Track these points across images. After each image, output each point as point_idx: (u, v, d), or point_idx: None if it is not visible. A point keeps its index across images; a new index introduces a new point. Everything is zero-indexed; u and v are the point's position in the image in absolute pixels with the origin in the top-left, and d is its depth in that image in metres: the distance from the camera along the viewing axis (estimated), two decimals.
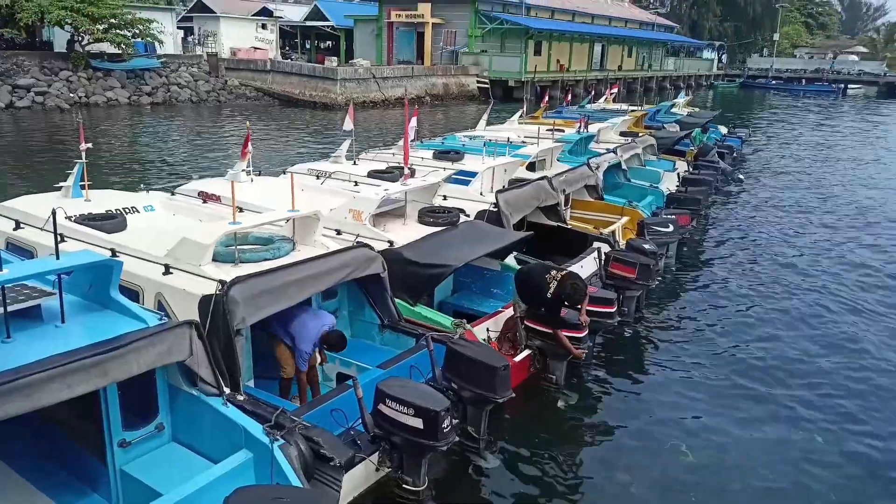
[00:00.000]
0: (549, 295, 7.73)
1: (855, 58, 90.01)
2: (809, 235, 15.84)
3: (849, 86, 76.99)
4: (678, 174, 17.08)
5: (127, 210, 8.66)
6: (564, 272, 8.02)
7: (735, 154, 23.57)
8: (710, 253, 14.10)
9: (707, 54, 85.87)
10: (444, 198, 10.67)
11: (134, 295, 6.60)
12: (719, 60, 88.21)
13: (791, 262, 13.63)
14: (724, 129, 27.15)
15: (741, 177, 21.72)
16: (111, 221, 8.05)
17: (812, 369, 9.05)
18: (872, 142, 35.66)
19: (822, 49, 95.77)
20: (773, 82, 78.40)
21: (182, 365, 5.33)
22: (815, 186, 21.92)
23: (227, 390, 5.64)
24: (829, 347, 9.76)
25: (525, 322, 8.07)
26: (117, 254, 7.08)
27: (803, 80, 77.77)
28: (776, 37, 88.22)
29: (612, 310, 8.51)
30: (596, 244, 10.58)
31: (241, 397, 5.85)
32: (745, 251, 14.26)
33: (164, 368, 5.40)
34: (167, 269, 6.74)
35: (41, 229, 7.68)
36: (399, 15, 53.65)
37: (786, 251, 14.41)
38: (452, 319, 7.94)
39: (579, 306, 7.83)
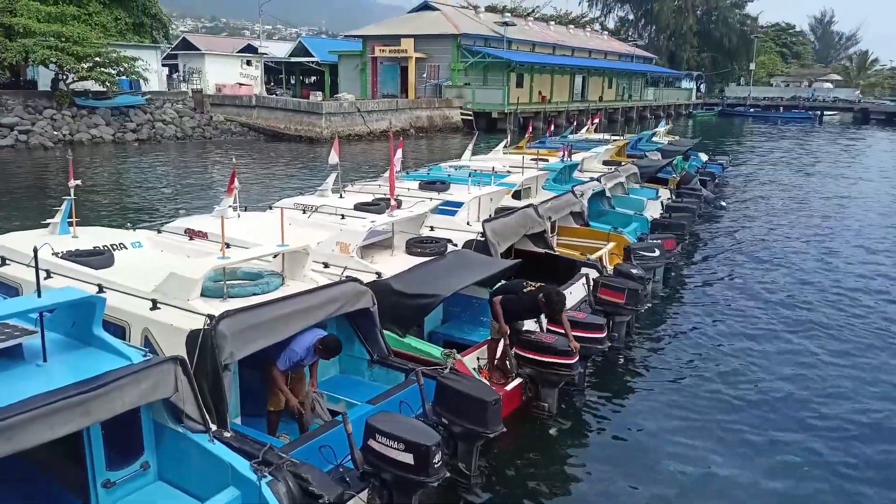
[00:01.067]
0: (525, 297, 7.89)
1: (829, 85, 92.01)
2: (791, 259, 16.02)
3: (825, 112, 78.56)
4: (661, 202, 17.26)
5: (114, 246, 8.61)
6: (539, 285, 8.12)
7: (716, 181, 23.88)
8: (696, 277, 14.18)
9: (686, 84, 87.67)
10: (432, 228, 10.68)
11: (121, 331, 6.52)
12: (698, 90, 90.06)
13: (775, 285, 13.75)
14: (704, 157, 27.53)
15: (723, 203, 21.99)
16: (99, 258, 8.00)
17: (801, 392, 9.05)
18: (851, 167, 36.32)
19: (797, 77, 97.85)
20: (752, 110, 79.90)
21: (167, 402, 5.25)
22: (796, 211, 22.22)
23: (213, 427, 5.54)
24: (816, 368, 9.79)
25: (516, 350, 8.02)
26: (104, 289, 6.99)
27: (781, 108, 79.29)
28: (752, 66, 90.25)
29: (603, 335, 8.49)
30: (584, 270, 10.60)
31: (228, 434, 5.75)
32: (730, 275, 14.36)
33: (149, 405, 5.30)
34: (155, 305, 6.67)
35: (27, 266, 7.59)
36: (383, 50, 54.41)
37: (769, 274, 14.53)
38: (442, 350, 7.87)
39: (558, 317, 7.88)
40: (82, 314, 5.39)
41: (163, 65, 49.54)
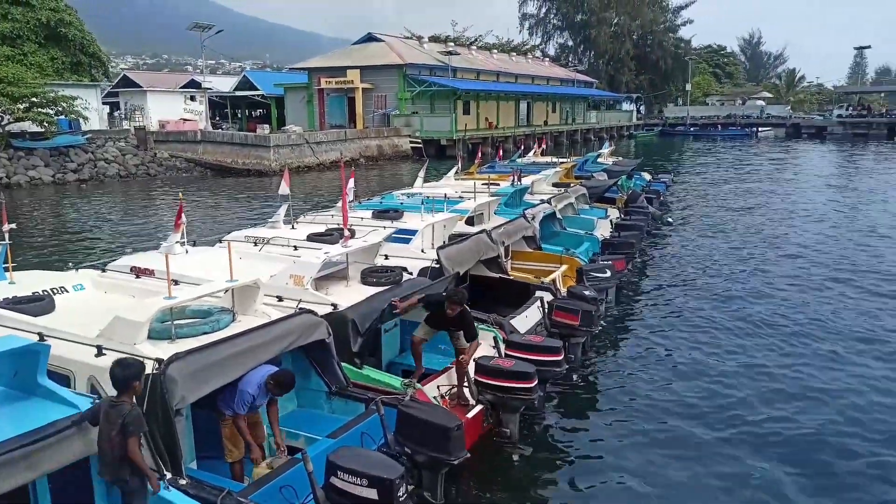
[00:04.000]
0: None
1: (762, 102, 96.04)
2: (736, 269, 16.53)
3: (759, 129, 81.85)
4: (611, 221, 17.63)
5: (55, 290, 8.29)
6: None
7: (661, 198, 24.51)
8: (648, 294, 14.45)
9: (626, 106, 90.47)
10: (386, 257, 10.65)
11: (65, 380, 6.26)
12: (638, 111, 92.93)
13: (723, 297, 14.12)
14: (647, 176, 28.27)
15: (669, 220, 22.56)
16: (38, 304, 7.68)
17: (756, 403, 9.24)
18: (786, 178, 37.87)
19: (731, 96, 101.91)
20: (692, 129, 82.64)
21: None
22: (738, 224, 22.95)
23: (167, 474, 5.35)
24: (770, 377, 10.03)
25: (476, 377, 8.01)
26: (45, 337, 6.72)
27: (718, 126, 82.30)
28: (689, 87, 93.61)
29: (560, 358, 8.55)
30: (538, 293, 10.69)
31: (183, 481, 5.55)
32: (679, 290, 14.68)
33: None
34: (100, 351, 6.42)
35: None
36: (329, 82, 54.54)
37: (717, 287, 14.92)
38: (402, 380, 7.82)
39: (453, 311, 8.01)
40: (25, 363, 5.18)
41: (103, 103, 48.67)
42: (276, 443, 6.50)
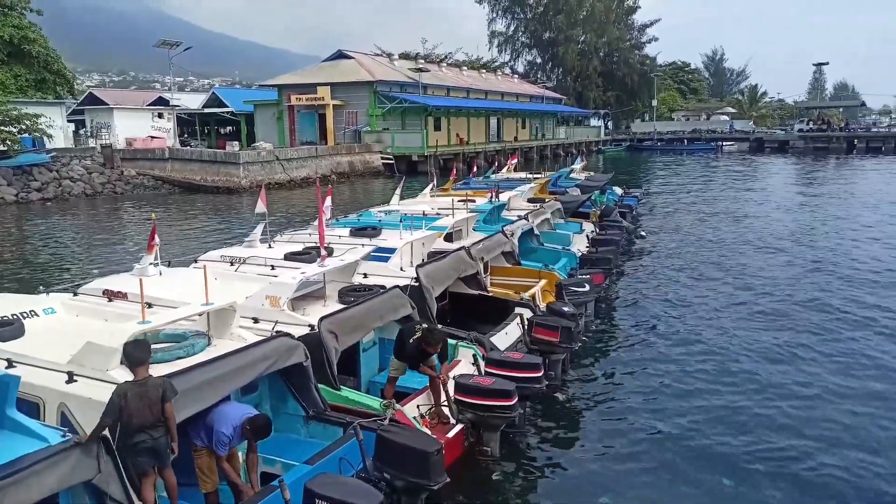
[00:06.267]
0: (411, 340, 7.87)
1: (726, 118, 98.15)
2: (710, 280, 16.81)
3: (724, 143, 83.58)
4: (586, 235, 17.74)
5: (24, 314, 7.99)
6: (427, 326, 8.21)
7: (634, 212, 24.78)
8: (626, 308, 14.53)
9: (594, 122, 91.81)
10: (365, 276, 10.53)
11: (35, 408, 6.02)
12: (606, 127, 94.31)
13: (699, 307, 14.27)
14: (619, 191, 28.59)
15: (643, 234, 22.80)
16: (6, 328, 7.39)
17: (737, 415, 9.29)
18: (750, 191, 38.70)
19: (696, 111, 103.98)
20: (659, 144, 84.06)
21: (89, 485, 4.87)
22: (710, 235, 23.36)
23: None
24: (748, 388, 10.10)
25: (456, 396, 7.92)
26: (14, 364, 6.47)
27: (685, 141, 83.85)
28: (654, 103, 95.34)
29: (540, 374, 8.50)
30: (518, 310, 10.65)
31: None
32: (656, 302, 14.79)
33: (69, 490, 4.90)
34: (71, 378, 6.17)
35: None
36: (299, 98, 54.36)
37: (692, 298, 15.09)
38: (381, 400, 7.70)
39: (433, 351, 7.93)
40: None
41: (69, 120, 47.81)
42: (251, 481, 6.29)
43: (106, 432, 5.25)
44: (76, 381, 6.18)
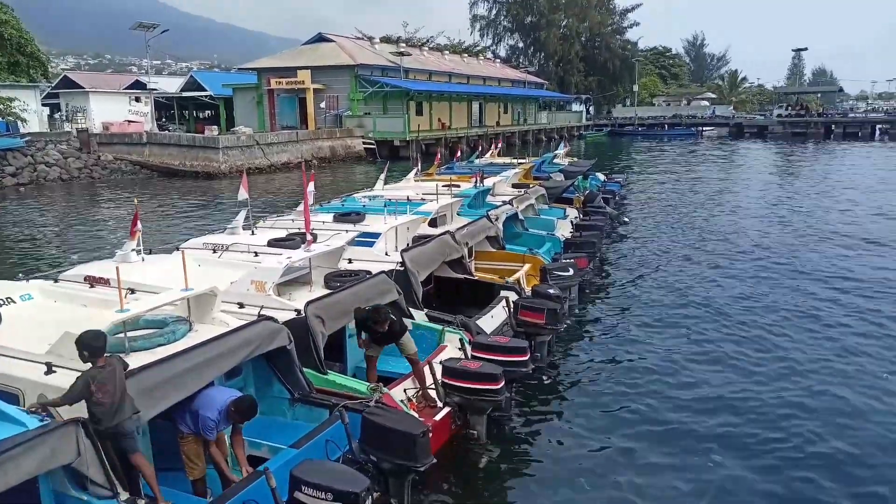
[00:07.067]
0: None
1: (706, 103, 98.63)
2: (692, 263, 17.01)
3: (704, 128, 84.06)
4: (570, 221, 17.78)
5: (1, 302, 7.84)
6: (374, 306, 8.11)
7: (617, 198, 24.86)
8: (610, 291, 14.62)
9: (576, 107, 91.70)
10: (350, 261, 10.45)
11: (13, 399, 5.91)
12: (587, 112, 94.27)
13: (681, 290, 14.43)
14: (602, 176, 28.64)
15: (626, 219, 22.90)
16: None
17: (718, 395, 9.40)
18: (730, 176, 39.10)
19: (677, 97, 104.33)
20: (640, 129, 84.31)
21: (69, 468, 4.83)
22: (691, 219, 23.64)
23: (125, 493, 5.16)
24: (731, 369, 10.23)
25: (443, 379, 7.91)
26: None
27: (665, 126, 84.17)
28: (636, 88, 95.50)
29: (526, 357, 8.50)
30: (503, 293, 10.65)
31: (142, 501, 5.38)
32: (639, 285, 14.93)
33: (49, 474, 4.88)
34: (49, 368, 6.06)
35: None
36: (279, 82, 53.70)
37: (675, 280, 15.26)
38: (368, 384, 7.66)
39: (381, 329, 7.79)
40: None
41: (43, 104, 46.80)
42: (243, 470, 6.26)
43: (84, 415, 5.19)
44: (55, 371, 6.07)
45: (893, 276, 15.34)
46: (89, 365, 5.57)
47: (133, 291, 7.60)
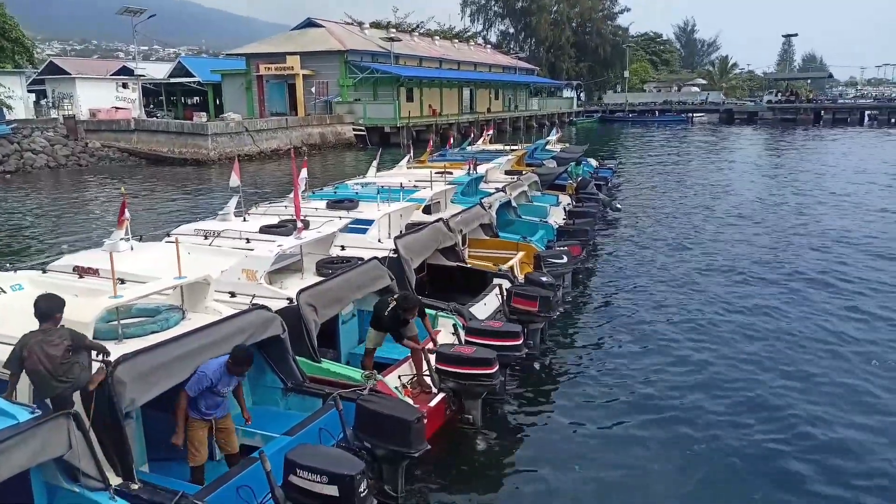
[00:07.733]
0: (387, 312, 7.92)
1: (697, 89, 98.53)
2: (683, 249, 17.06)
3: (695, 114, 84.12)
4: (563, 208, 17.75)
5: None
6: (401, 293, 8.28)
7: (609, 184, 24.84)
8: (603, 278, 14.64)
9: (567, 93, 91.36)
10: (342, 248, 10.40)
11: (4, 385, 5.85)
12: (578, 98, 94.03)
13: (674, 277, 14.47)
14: (594, 163, 28.58)
15: (619, 206, 22.86)
16: None
17: (708, 386, 9.40)
18: (721, 162, 39.19)
19: (667, 83, 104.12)
20: (630, 115, 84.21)
21: (60, 460, 4.80)
22: (680, 205, 23.69)
23: (117, 480, 5.16)
24: (722, 357, 10.25)
25: (437, 365, 7.90)
26: None
27: (656, 112, 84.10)
28: (627, 74, 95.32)
29: (519, 342, 8.52)
30: (496, 281, 10.64)
31: (135, 486, 5.38)
32: (632, 272, 14.94)
33: (40, 467, 4.85)
34: None
35: None
36: (268, 68, 53.17)
37: (668, 267, 15.31)
38: (362, 372, 7.66)
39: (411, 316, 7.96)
40: None
41: (28, 91, 46.21)
42: (244, 416, 6.59)
43: (80, 409, 5.15)
44: None
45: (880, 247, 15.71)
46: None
47: (123, 282, 7.52)
